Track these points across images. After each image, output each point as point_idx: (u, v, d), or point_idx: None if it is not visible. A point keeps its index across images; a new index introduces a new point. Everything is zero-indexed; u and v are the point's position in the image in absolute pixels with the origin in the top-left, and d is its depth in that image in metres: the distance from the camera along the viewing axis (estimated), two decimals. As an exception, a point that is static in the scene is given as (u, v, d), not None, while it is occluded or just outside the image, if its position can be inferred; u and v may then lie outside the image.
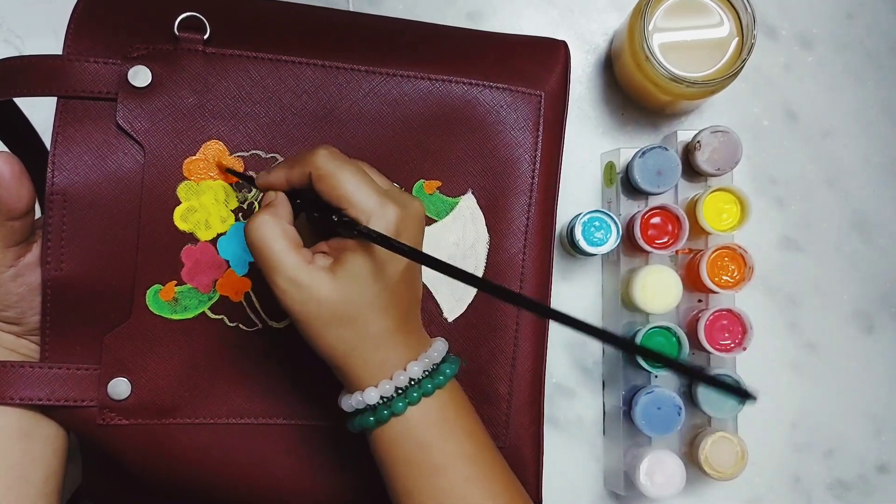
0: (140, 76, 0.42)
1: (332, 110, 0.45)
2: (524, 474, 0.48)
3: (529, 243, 0.48)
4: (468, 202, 0.47)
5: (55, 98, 0.42)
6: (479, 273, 0.47)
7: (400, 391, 0.39)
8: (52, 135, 0.42)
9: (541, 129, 0.48)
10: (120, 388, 0.43)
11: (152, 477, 0.46)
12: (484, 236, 0.47)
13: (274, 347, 0.46)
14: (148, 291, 0.44)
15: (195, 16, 0.43)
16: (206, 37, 0.43)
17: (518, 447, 0.48)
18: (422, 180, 0.47)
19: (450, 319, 0.48)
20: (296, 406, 0.47)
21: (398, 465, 0.40)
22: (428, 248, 0.47)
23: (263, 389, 0.46)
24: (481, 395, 0.47)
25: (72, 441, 0.47)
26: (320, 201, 0.39)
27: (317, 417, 0.47)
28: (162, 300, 0.44)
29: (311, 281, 0.37)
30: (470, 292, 0.48)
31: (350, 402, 0.40)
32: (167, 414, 0.45)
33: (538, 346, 0.49)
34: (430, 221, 0.47)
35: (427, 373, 0.40)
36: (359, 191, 0.37)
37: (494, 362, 0.48)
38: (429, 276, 0.47)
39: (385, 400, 0.39)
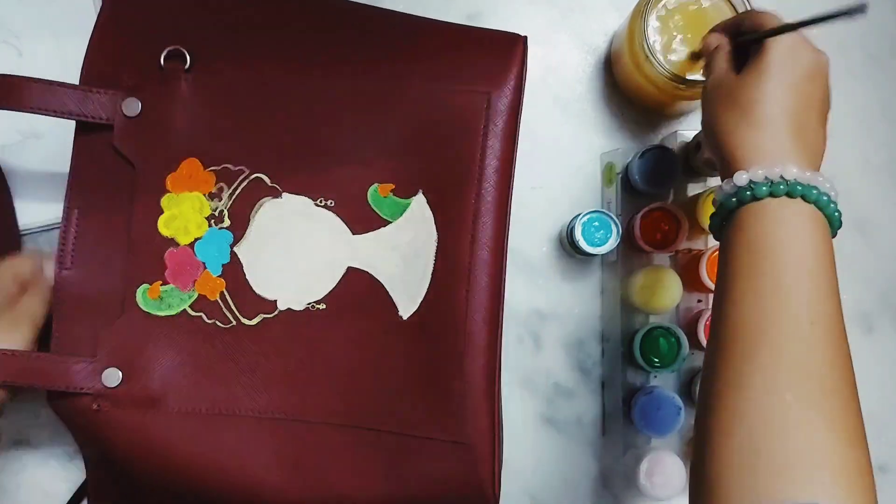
0: (131, 107, 0.48)
1: (299, 117, 0.49)
2: (480, 470, 0.47)
3: (479, 244, 0.48)
4: (419, 202, 0.49)
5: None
6: (429, 270, 0.48)
7: (768, 180, 0.41)
8: (73, 149, 0.49)
9: (490, 128, 0.48)
10: (113, 377, 0.47)
11: (142, 468, 0.47)
12: (433, 235, 0.48)
13: (248, 344, 0.49)
14: (138, 290, 0.48)
15: (177, 49, 0.49)
16: (186, 66, 0.49)
17: (473, 444, 0.47)
18: (376, 184, 0.48)
19: (404, 317, 0.48)
20: (277, 402, 0.48)
21: (739, 248, 0.41)
22: (383, 250, 0.48)
23: (244, 384, 0.48)
24: (434, 391, 0.47)
25: (72, 442, 0.47)
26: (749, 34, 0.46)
27: (301, 415, 0.48)
28: (150, 298, 0.48)
29: (718, 66, 0.46)
30: (422, 289, 0.48)
31: (724, 188, 0.42)
32: (156, 403, 0.47)
33: (491, 340, 0.48)
34: (384, 223, 0.49)
35: (800, 182, 0.41)
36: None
37: (447, 358, 0.47)
38: (386, 275, 0.48)
39: (752, 184, 0.41)
